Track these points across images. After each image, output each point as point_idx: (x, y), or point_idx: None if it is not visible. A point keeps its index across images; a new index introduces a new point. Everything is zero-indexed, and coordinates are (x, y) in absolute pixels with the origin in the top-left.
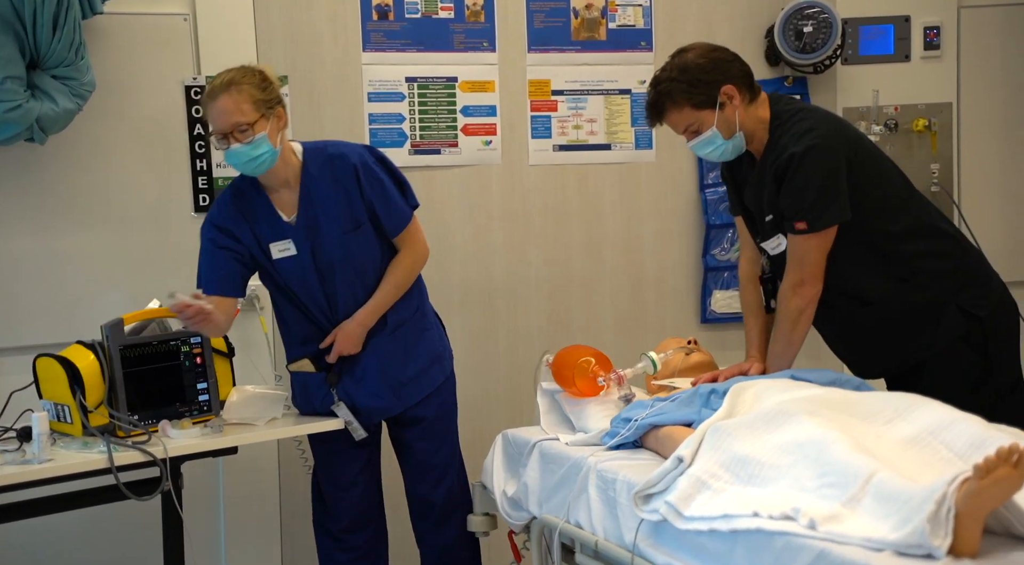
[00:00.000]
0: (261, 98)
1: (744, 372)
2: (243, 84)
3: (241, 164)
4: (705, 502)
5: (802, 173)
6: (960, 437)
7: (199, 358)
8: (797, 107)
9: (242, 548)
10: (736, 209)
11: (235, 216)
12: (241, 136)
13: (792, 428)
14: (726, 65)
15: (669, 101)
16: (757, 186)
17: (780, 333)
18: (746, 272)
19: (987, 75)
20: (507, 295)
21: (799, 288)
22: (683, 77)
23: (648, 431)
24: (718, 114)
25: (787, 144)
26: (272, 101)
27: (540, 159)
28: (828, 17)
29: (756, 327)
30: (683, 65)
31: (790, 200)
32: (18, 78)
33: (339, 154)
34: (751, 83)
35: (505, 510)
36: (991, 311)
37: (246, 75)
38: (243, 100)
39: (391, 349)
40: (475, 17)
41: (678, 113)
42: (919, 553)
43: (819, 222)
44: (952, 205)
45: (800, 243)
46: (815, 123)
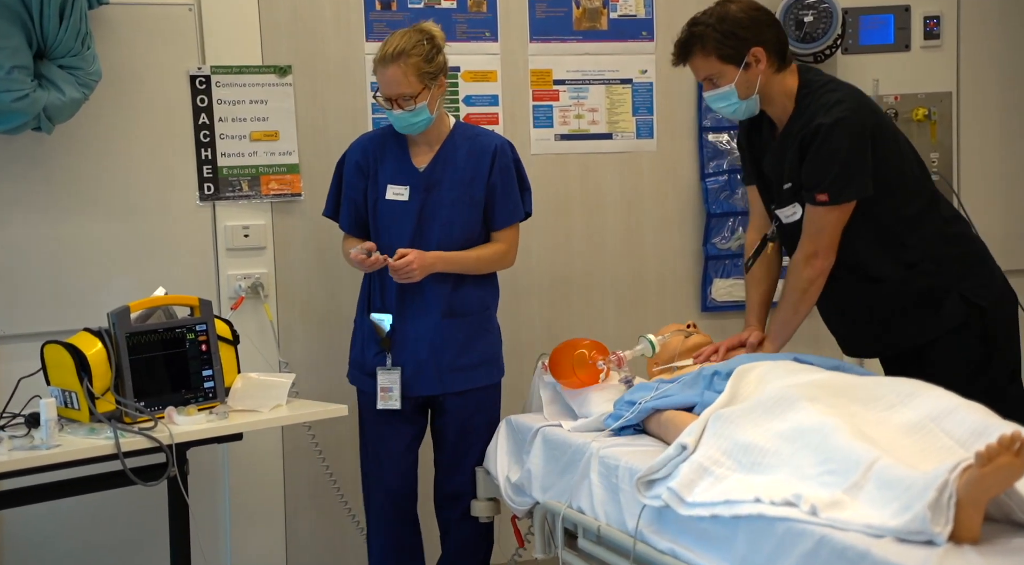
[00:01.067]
0: (427, 70)
1: (743, 341)
2: (412, 56)
3: (400, 126)
4: (707, 488)
5: (829, 145)
6: (961, 425)
7: (204, 345)
8: (826, 78)
9: (247, 533)
10: (751, 178)
11: (371, 151)
12: (404, 104)
13: (794, 415)
14: (764, 27)
15: (699, 45)
16: (779, 153)
17: (788, 301)
18: (753, 243)
19: (987, 64)
20: (508, 284)
21: (812, 259)
22: (720, 26)
23: (651, 415)
24: (741, 72)
25: (815, 113)
26: (436, 72)
27: (542, 148)
28: (828, 7)
29: (757, 296)
30: (723, 15)
31: (814, 171)
32: (25, 68)
33: (485, 133)
34: (783, 51)
35: (509, 496)
36: (992, 301)
37: (416, 46)
38: (410, 72)
39: (449, 334)
40: (477, 7)
41: (704, 59)
42: (920, 539)
43: (841, 195)
44: (952, 194)
45: (819, 215)
46: (844, 96)
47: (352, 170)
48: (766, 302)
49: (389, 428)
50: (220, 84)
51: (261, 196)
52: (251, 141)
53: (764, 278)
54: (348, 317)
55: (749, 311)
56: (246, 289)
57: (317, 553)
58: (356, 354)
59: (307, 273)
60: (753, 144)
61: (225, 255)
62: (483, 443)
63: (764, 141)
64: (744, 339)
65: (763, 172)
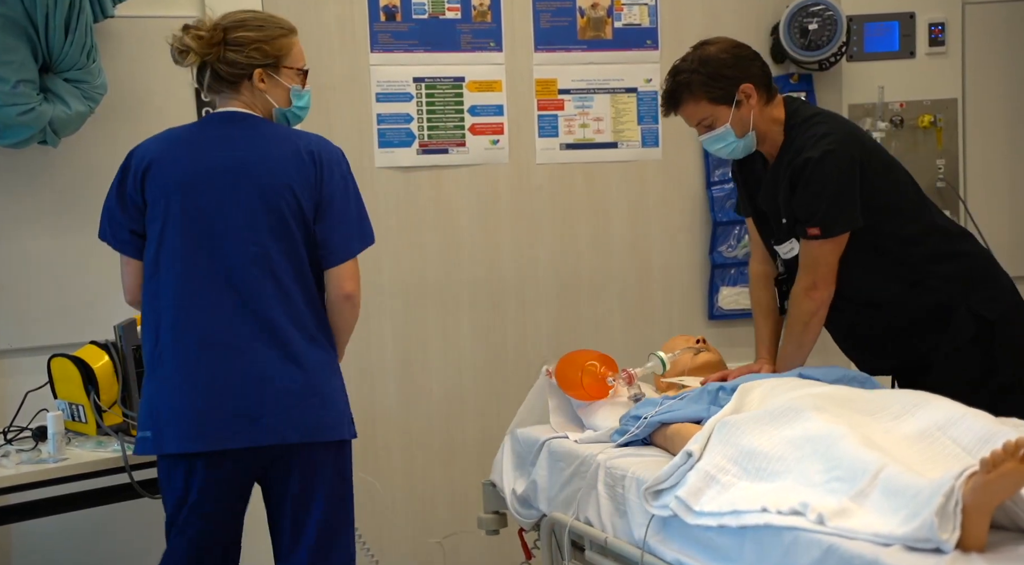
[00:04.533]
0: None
1: (754, 373)
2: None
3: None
4: (714, 496)
5: (817, 178)
6: (968, 432)
7: None
8: (813, 111)
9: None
10: (746, 210)
11: None
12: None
13: (800, 423)
14: (748, 63)
15: (687, 92)
16: (771, 188)
17: (791, 335)
18: (756, 272)
19: (992, 71)
20: (515, 293)
21: (811, 292)
22: (704, 69)
23: (657, 428)
24: (734, 111)
25: (802, 147)
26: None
27: (547, 158)
28: (833, 14)
29: (767, 328)
30: (705, 58)
31: (804, 205)
32: (31, 81)
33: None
34: (769, 83)
35: (515, 508)
36: (1001, 313)
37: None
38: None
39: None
40: (482, 17)
41: (695, 105)
42: (927, 547)
43: (832, 228)
44: (958, 201)
45: (813, 248)
46: (831, 128)
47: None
48: (775, 334)
49: None
50: None
51: None
52: None
53: (772, 309)
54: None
55: (759, 343)
56: None
57: None
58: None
59: None
60: (746, 177)
61: None
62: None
63: (757, 174)
64: (755, 371)
65: (757, 206)
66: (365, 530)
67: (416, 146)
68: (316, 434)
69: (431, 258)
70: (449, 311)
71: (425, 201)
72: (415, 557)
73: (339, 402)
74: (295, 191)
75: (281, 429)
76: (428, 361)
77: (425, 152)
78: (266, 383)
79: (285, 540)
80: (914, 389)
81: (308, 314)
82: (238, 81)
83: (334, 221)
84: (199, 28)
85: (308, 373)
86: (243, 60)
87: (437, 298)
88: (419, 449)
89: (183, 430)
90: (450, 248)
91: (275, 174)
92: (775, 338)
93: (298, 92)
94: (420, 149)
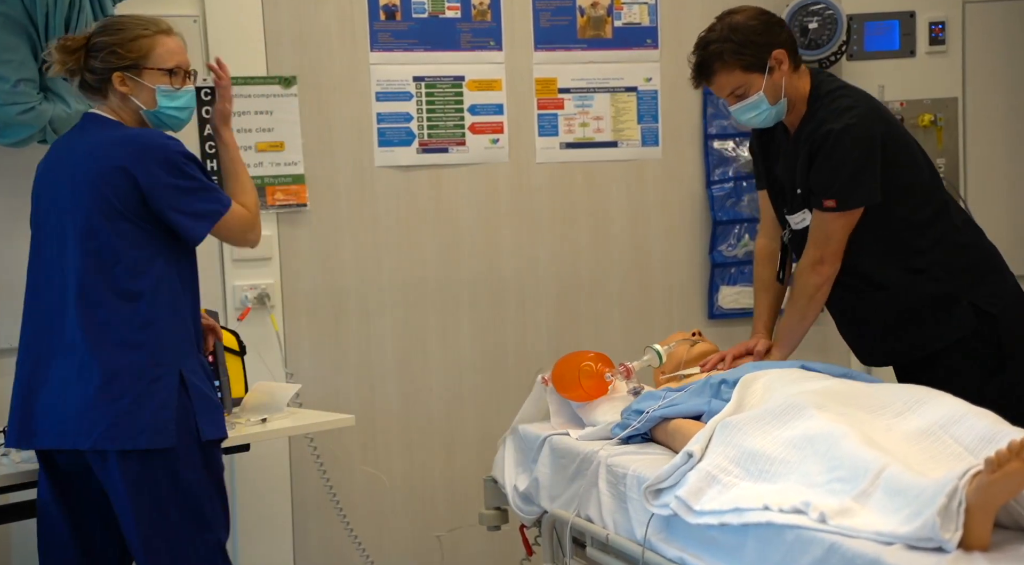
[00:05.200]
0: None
1: (750, 349)
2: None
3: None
4: (715, 496)
5: (838, 151)
6: (970, 431)
7: (211, 357)
8: (838, 84)
9: (254, 543)
10: (762, 183)
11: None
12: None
13: (801, 423)
14: (777, 29)
15: (719, 62)
16: (791, 158)
17: (795, 307)
18: (763, 248)
19: (992, 70)
20: (515, 292)
21: (818, 266)
22: (735, 37)
23: (658, 423)
24: (767, 78)
25: (825, 119)
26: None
27: (547, 157)
28: (833, 13)
29: (765, 302)
30: (734, 25)
31: (823, 177)
32: (31, 80)
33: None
34: (796, 50)
35: (516, 505)
36: (1004, 309)
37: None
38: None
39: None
40: (482, 16)
41: (727, 75)
42: (930, 546)
43: (849, 202)
44: (959, 199)
45: (827, 221)
46: (855, 101)
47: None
48: (774, 309)
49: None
50: None
51: (267, 206)
52: (256, 152)
53: (772, 285)
54: (354, 327)
55: (757, 318)
56: (252, 300)
57: (326, 562)
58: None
59: (313, 283)
60: (766, 149)
61: (231, 266)
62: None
63: (777, 145)
64: (751, 347)
65: (775, 177)
66: (366, 526)
67: (416, 145)
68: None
69: (431, 257)
70: (449, 310)
71: (425, 200)
72: (415, 553)
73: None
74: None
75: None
76: (428, 359)
77: (425, 151)
78: None
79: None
80: (916, 384)
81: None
82: (102, 86)
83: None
84: (68, 39)
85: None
86: (100, 65)
87: (437, 296)
88: (419, 446)
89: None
90: (450, 247)
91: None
92: (773, 313)
93: (167, 92)
94: (420, 148)
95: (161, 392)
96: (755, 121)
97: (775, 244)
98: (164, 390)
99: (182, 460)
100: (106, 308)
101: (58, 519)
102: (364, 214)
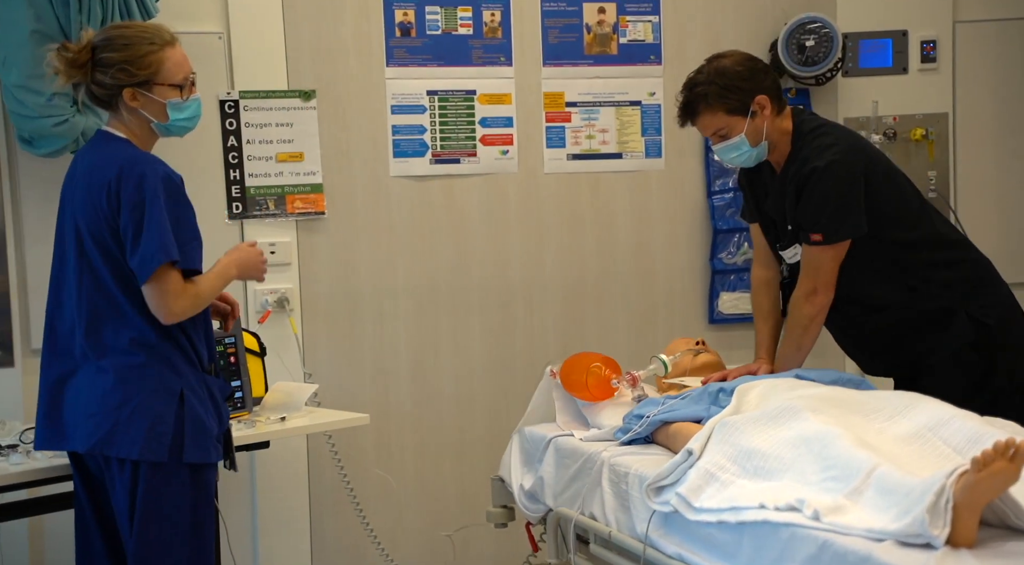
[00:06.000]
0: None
1: (753, 372)
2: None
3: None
4: (714, 493)
5: (822, 186)
6: (958, 433)
7: (232, 358)
8: (819, 122)
9: (274, 537)
10: (752, 216)
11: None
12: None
13: (797, 424)
14: (762, 75)
15: (703, 103)
16: (779, 196)
17: (791, 338)
18: (758, 277)
19: (981, 87)
20: (523, 297)
21: (812, 297)
22: (720, 81)
23: (659, 427)
24: (749, 122)
25: (808, 157)
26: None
27: (555, 167)
28: (829, 32)
29: (766, 330)
30: (721, 70)
31: (809, 212)
32: (64, 94)
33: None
34: (780, 95)
35: (522, 503)
36: (999, 318)
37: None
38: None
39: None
40: (492, 33)
41: (711, 116)
42: (919, 542)
43: (835, 235)
44: (949, 210)
45: (815, 253)
46: (836, 139)
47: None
48: (774, 336)
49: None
50: (248, 108)
51: (286, 214)
52: (277, 162)
53: (772, 312)
54: (369, 330)
55: (759, 345)
56: (272, 303)
57: (341, 555)
58: (207, 419)
59: (330, 288)
60: (754, 185)
61: None
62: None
63: (764, 182)
64: (753, 370)
65: (764, 212)
66: (379, 524)
67: (429, 156)
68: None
69: (443, 263)
70: (460, 314)
71: (438, 209)
72: (427, 550)
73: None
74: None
75: None
76: (440, 362)
77: (438, 162)
78: None
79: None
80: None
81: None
82: (111, 100)
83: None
84: (68, 48)
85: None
86: (110, 82)
87: (448, 301)
88: (431, 446)
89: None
90: (461, 253)
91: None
92: (774, 340)
93: (177, 104)
94: (433, 159)
95: (159, 407)
96: (737, 161)
97: (770, 273)
98: (162, 405)
99: (172, 477)
100: (112, 323)
101: (89, 515)
102: (379, 222)
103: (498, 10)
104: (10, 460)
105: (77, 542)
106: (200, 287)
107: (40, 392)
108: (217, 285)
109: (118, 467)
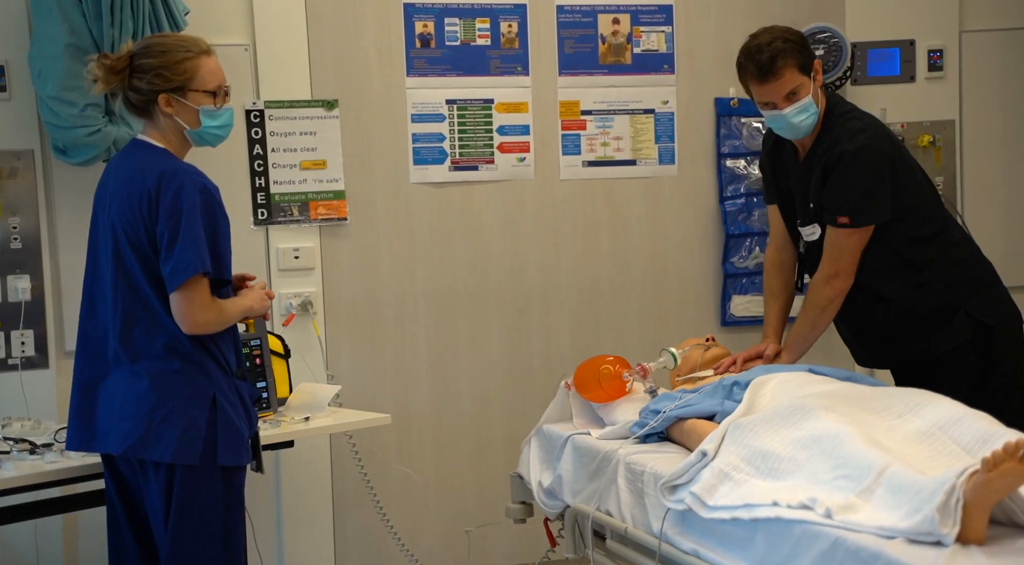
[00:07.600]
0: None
1: (760, 353)
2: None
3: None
4: (727, 492)
5: (852, 170)
6: (968, 432)
7: (258, 359)
8: (850, 106)
9: (298, 533)
10: (771, 198)
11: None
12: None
13: (809, 423)
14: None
15: (783, 59)
16: (804, 174)
17: (807, 317)
18: (772, 259)
19: (987, 95)
20: (540, 300)
21: (832, 280)
22: (793, 38)
23: (674, 423)
24: (812, 82)
25: (839, 139)
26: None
27: (570, 174)
28: (838, 41)
29: (775, 309)
30: (786, 30)
31: (837, 195)
32: (97, 105)
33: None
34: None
35: (541, 499)
36: (998, 319)
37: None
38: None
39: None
40: (510, 44)
41: (792, 72)
42: (929, 540)
43: (861, 219)
44: (956, 215)
45: (841, 237)
46: (866, 124)
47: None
48: (783, 316)
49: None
50: (273, 117)
51: (310, 220)
52: (301, 170)
53: (782, 292)
54: (390, 332)
55: (767, 324)
56: (296, 306)
57: (363, 551)
58: (239, 423)
59: (352, 291)
60: (776, 165)
61: (277, 275)
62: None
63: (786, 162)
64: (761, 351)
65: (784, 192)
66: (400, 522)
67: (448, 163)
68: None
69: (461, 267)
70: (478, 317)
71: (456, 214)
72: (447, 546)
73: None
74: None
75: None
76: (458, 363)
77: (456, 169)
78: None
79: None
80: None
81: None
82: (147, 107)
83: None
84: (108, 56)
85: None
86: (146, 87)
87: (467, 304)
88: (450, 446)
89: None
90: (479, 258)
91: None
92: (782, 320)
93: (210, 112)
94: (452, 166)
95: (192, 412)
96: (805, 123)
97: (783, 255)
98: (196, 409)
99: (205, 479)
100: (146, 327)
101: (120, 514)
102: (400, 227)
103: (515, 21)
104: (45, 459)
105: (110, 540)
106: (226, 305)
107: (72, 394)
108: (238, 314)
109: (153, 470)
